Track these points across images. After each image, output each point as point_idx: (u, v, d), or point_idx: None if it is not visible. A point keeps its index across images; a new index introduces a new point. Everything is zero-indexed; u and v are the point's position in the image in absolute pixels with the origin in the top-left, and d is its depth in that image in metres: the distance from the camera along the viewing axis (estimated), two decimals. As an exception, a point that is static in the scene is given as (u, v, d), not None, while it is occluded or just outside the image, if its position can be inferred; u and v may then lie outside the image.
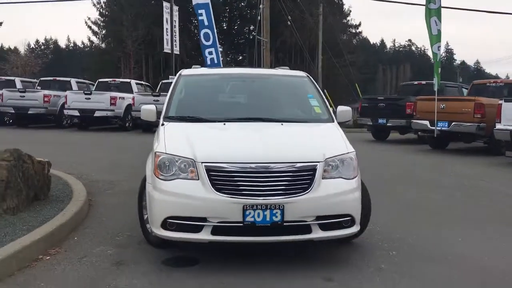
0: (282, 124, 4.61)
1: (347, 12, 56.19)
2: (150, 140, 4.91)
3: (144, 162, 4.61)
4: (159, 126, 4.67)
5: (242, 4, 50.04)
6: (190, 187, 3.84)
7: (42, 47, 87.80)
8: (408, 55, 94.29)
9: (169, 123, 4.65)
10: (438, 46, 12.96)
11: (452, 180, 8.70)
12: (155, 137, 4.57)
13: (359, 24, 58.64)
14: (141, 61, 42.68)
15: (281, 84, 5.64)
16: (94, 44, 49.77)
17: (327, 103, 5.17)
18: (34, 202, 5.49)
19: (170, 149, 4.05)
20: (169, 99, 5.05)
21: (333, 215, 3.93)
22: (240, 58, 51.93)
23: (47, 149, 9.99)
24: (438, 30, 12.75)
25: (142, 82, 23.32)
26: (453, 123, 12.14)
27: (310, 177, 3.87)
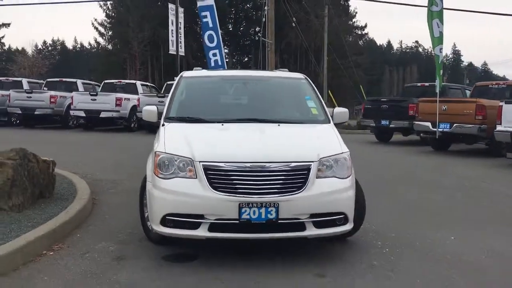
0: (279, 125, 4.75)
1: (353, 14, 56.26)
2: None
3: (148, 163, 4.75)
4: (160, 127, 4.81)
5: (248, 6, 50.21)
6: (188, 185, 3.97)
7: (49, 48, 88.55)
8: (415, 56, 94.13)
9: (169, 124, 4.79)
10: (440, 48, 13.05)
11: (453, 181, 8.78)
12: (156, 137, 4.71)
13: (365, 26, 58.81)
14: (147, 63, 42.95)
15: (279, 86, 5.77)
16: (101, 46, 50.21)
17: (324, 105, 5.29)
18: (39, 200, 5.65)
19: (170, 149, 4.19)
20: (170, 101, 5.19)
21: (327, 213, 4.05)
22: (246, 60, 52.08)
23: (53, 149, 10.17)
24: (440, 32, 12.84)
25: (147, 83, 23.54)
26: (455, 125, 12.22)
27: (305, 176, 4.00)
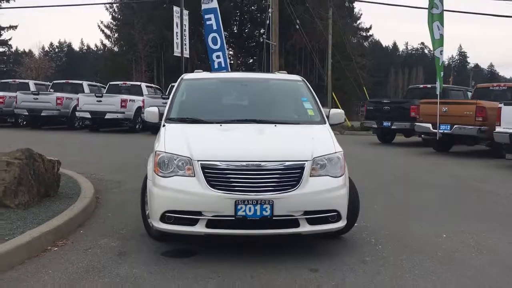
0: (276, 126, 4.91)
1: (358, 16, 56.28)
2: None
3: (151, 163, 4.91)
4: (161, 127, 4.99)
5: (253, 8, 50.36)
6: (187, 183, 4.14)
7: (56, 50, 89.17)
8: (421, 58, 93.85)
9: (170, 125, 4.96)
10: (441, 51, 13.16)
11: (449, 182, 8.92)
12: (157, 138, 4.88)
13: (370, 27, 58.71)
14: (153, 64, 43.18)
15: (277, 88, 5.93)
16: (107, 48, 50.41)
17: (321, 106, 5.44)
18: (45, 199, 5.84)
19: (169, 148, 4.36)
20: (171, 102, 5.37)
21: (320, 211, 4.21)
22: (251, 61, 52.22)
23: (59, 150, 10.39)
24: (441, 35, 12.95)
25: (152, 85, 23.77)
26: (455, 126, 12.33)
27: (298, 175, 4.16)
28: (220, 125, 4.88)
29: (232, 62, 47.49)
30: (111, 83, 20.84)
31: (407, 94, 18.43)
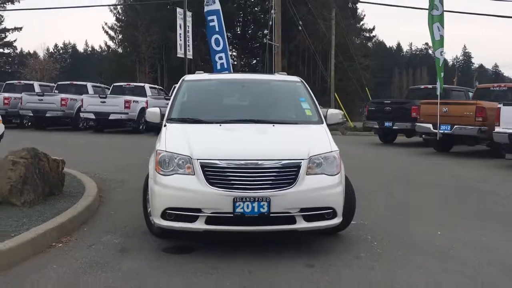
0: (274, 126, 5.04)
1: (361, 16, 56.33)
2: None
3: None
4: (162, 127, 5.12)
5: (256, 9, 50.47)
6: (187, 181, 4.28)
7: (61, 52, 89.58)
8: (425, 58, 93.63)
9: (171, 124, 5.10)
10: (441, 52, 13.26)
11: (448, 181, 9.01)
12: (158, 137, 5.01)
13: (373, 28, 58.72)
14: (156, 65, 43.34)
15: (276, 89, 6.06)
16: (111, 49, 50.61)
17: (318, 106, 5.57)
18: (49, 197, 5.98)
19: (170, 148, 4.50)
20: (172, 103, 5.51)
21: (316, 208, 4.34)
22: (254, 62, 52.31)
23: (64, 150, 10.51)
24: (441, 36, 13.05)
25: (156, 86, 23.94)
26: (455, 126, 12.42)
27: (295, 173, 4.29)
28: (220, 125, 5.01)
29: (236, 63, 47.62)
30: (115, 84, 21.01)
31: (409, 95, 18.51)
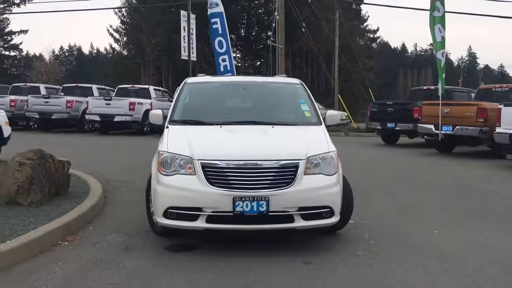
0: (273, 127, 5.16)
1: (365, 18, 56.40)
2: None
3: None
4: (164, 129, 5.26)
5: (260, 11, 50.65)
6: (188, 181, 4.41)
7: (66, 54, 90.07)
8: (430, 59, 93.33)
9: (173, 126, 5.24)
10: (442, 53, 13.36)
11: (448, 181, 9.09)
12: (160, 139, 5.15)
13: (377, 29, 58.76)
14: (161, 68, 43.59)
15: (276, 91, 6.19)
16: (116, 51, 50.94)
17: (317, 108, 5.69)
18: (55, 197, 6.13)
19: (172, 149, 4.64)
20: (174, 105, 5.65)
21: (314, 207, 4.45)
22: (258, 64, 52.47)
23: (69, 151, 10.69)
24: (442, 37, 13.14)
25: (160, 88, 24.11)
26: (457, 127, 12.50)
27: (293, 173, 4.41)
28: (220, 127, 5.14)
29: (240, 65, 47.78)
30: (120, 87, 21.20)
31: (411, 96, 18.59)
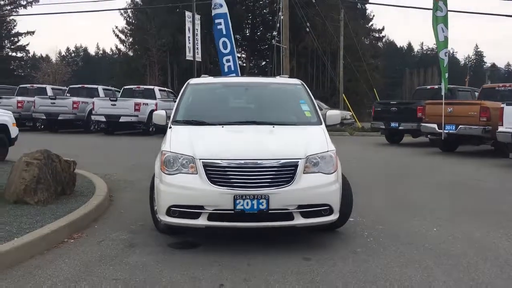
0: (274, 127, 5.27)
1: (370, 17, 56.36)
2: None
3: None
4: (167, 129, 5.38)
5: (264, 11, 50.78)
6: (190, 180, 4.52)
7: (73, 55, 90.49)
8: (436, 58, 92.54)
9: (176, 126, 5.36)
10: (445, 52, 13.42)
11: (452, 180, 9.16)
12: (164, 139, 5.27)
13: (383, 29, 58.70)
14: (166, 68, 43.79)
15: (277, 91, 6.30)
16: (122, 52, 51.23)
17: (317, 108, 5.78)
18: (61, 196, 6.28)
19: (174, 148, 4.76)
20: (177, 105, 5.77)
21: (313, 205, 4.55)
22: (263, 64, 52.57)
23: (75, 152, 10.85)
24: (445, 37, 13.20)
25: (165, 89, 24.29)
26: (460, 126, 12.56)
27: (292, 172, 4.51)
28: (222, 127, 5.25)
29: (245, 65, 47.94)
30: (125, 87, 21.40)
31: (415, 95, 18.63)
